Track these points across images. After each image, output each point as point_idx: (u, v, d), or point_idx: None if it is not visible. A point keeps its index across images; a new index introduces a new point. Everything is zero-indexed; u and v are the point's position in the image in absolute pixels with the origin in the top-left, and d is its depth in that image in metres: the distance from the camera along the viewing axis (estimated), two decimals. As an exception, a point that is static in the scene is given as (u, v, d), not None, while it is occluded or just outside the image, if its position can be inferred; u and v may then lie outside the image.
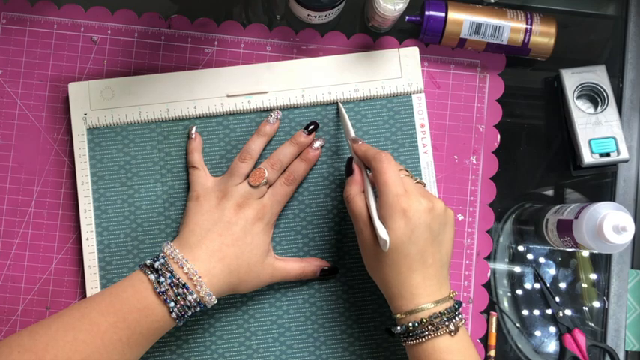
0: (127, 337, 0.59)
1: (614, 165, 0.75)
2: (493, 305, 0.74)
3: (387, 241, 0.58)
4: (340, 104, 0.72)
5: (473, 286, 0.73)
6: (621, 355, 0.74)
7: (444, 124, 0.75)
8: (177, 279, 0.60)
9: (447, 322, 0.58)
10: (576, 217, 0.65)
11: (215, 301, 0.62)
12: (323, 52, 0.75)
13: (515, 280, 0.74)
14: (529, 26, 0.72)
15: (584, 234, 0.64)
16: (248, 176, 0.67)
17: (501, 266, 0.75)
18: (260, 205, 0.66)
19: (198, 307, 0.61)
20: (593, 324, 0.75)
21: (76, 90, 0.72)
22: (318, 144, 0.70)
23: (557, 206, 0.71)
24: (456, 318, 0.59)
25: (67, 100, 0.72)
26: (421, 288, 0.59)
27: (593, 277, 0.75)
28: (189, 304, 0.60)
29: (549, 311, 0.74)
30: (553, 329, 0.74)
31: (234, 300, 0.70)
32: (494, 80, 0.75)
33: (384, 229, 0.59)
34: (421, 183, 0.63)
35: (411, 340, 0.59)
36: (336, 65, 0.73)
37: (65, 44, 0.74)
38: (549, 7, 0.77)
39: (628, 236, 0.62)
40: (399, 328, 0.60)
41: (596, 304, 0.75)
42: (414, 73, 0.73)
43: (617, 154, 0.72)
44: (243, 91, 0.72)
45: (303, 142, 0.70)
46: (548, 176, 0.76)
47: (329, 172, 0.72)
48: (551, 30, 0.72)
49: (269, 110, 0.72)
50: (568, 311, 0.74)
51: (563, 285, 0.75)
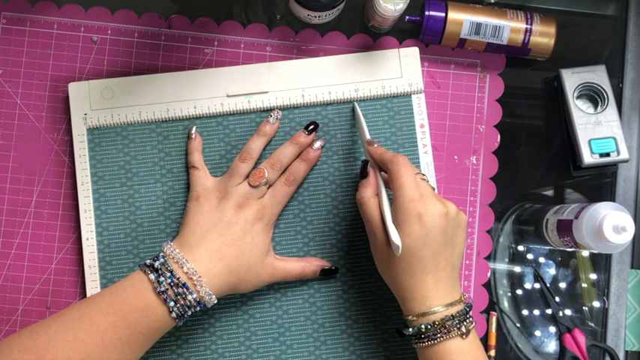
0: (127, 337, 0.59)
1: (614, 165, 0.75)
2: (493, 305, 0.74)
3: (400, 247, 0.58)
4: (357, 105, 0.71)
5: (473, 286, 0.73)
6: (621, 355, 0.74)
7: (444, 124, 0.75)
8: (177, 279, 0.60)
9: (458, 325, 0.58)
10: (576, 217, 0.65)
11: (215, 301, 0.62)
12: (323, 52, 0.75)
13: (515, 280, 0.74)
14: (529, 26, 0.72)
15: (584, 234, 0.64)
16: (248, 176, 0.67)
17: (501, 266, 0.75)
18: (260, 205, 0.66)
19: (198, 307, 0.61)
20: (593, 324, 0.75)
21: (76, 90, 0.72)
22: (318, 144, 0.70)
23: (557, 206, 0.71)
24: (467, 321, 0.59)
25: (67, 100, 0.72)
26: (434, 291, 0.59)
27: (593, 277, 0.75)
28: (189, 303, 0.60)
29: (549, 311, 0.74)
30: (553, 329, 0.74)
31: (234, 300, 0.70)
32: (494, 80, 0.75)
33: (397, 233, 0.59)
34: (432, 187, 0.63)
35: (423, 342, 0.59)
36: (336, 65, 0.73)
37: (65, 44, 0.74)
38: (549, 7, 0.77)
39: (628, 236, 0.62)
40: (410, 330, 0.60)
41: (596, 304, 0.75)
42: (414, 73, 0.73)
43: (617, 154, 0.72)
44: (243, 91, 0.72)
45: (303, 142, 0.70)
46: (548, 176, 0.76)
47: (329, 172, 0.72)
48: (551, 30, 0.72)
49: (269, 110, 0.72)
50: (568, 311, 0.74)
51: (563, 285, 0.75)
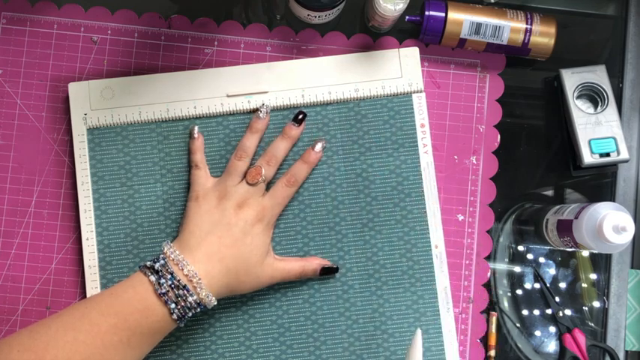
0: (128, 338, 0.58)
1: (614, 165, 0.75)
2: (493, 305, 0.74)
3: None
4: (419, 333, 0.61)
5: (473, 286, 0.73)
6: (621, 355, 0.74)
7: (444, 124, 0.75)
8: (178, 281, 0.60)
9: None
10: (576, 217, 0.65)
11: (215, 303, 0.62)
12: (323, 52, 0.75)
13: (515, 280, 0.74)
14: (529, 26, 0.72)
15: (584, 234, 0.64)
16: (246, 174, 0.67)
17: (501, 266, 0.75)
18: (260, 207, 0.66)
19: (198, 309, 0.61)
20: (593, 324, 0.75)
21: (76, 90, 0.72)
22: (319, 146, 0.70)
23: (557, 206, 0.71)
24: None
25: (67, 100, 0.72)
26: None
27: (593, 277, 0.75)
28: (189, 305, 0.60)
29: (549, 311, 0.74)
30: (553, 329, 0.74)
31: (234, 300, 0.70)
32: (494, 80, 0.75)
33: None
34: None
35: None
36: (336, 65, 0.73)
37: (65, 44, 0.74)
38: (549, 7, 0.77)
39: (628, 236, 0.62)
40: None
41: (596, 304, 0.75)
42: (414, 73, 0.73)
43: (617, 154, 0.72)
44: (243, 91, 0.72)
45: (294, 134, 0.70)
46: (548, 176, 0.76)
47: (329, 171, 0.72)
48: (551, 30, 0.72)
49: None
50: (568, 311, 0.74)
51: (563, 285, 0.75)
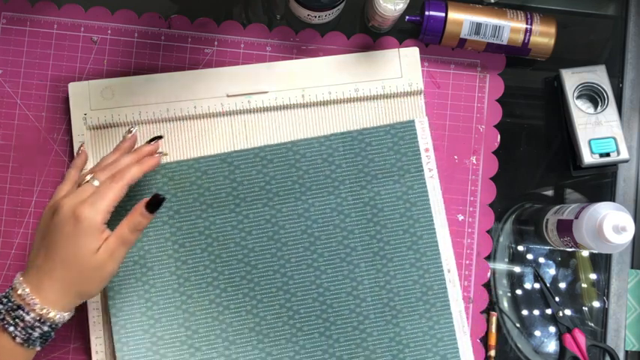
0: None
1: (614, 165, 0.75)
2: (493, 305, 0.74)
3: None
4: None
5: (473, 286, 0.73)
6: (621, 355, 0.74)
7: (444, 124, 0.75)
8: (12, 302, 0.58)
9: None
10: (576, 217, 0.65)
11: (63, 316, 0.60)
12: (323, 52, 0.75)
13: (515, 280, 0.74)
14: (529, 26, 0.72)
15: (584, 234, 0.64)
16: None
17: (501, 266, 0.75)
18: (80, 204, 0.61)
19: (45, 327, 0.59)
20: (593, 324, 0.75)
21: (76, 90, 0.72)
22: (157, 151, 0.67)
23: (557, 206, 0.71)
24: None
25: (67, 100, 0.72)
26: None
27: (593, 277, 0.75)
28: (29, 324, 0.58)
29: (549, 311, 0.74)
30: (553, 329, 0.74)
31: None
32: (494, 80, 0.75)
33: None
34: None
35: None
36: (336, 65, 0.73)
37: (65, 44, 0.74)
38: (549, 7, 0.77)
39: (628, 236, 0.62)
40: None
41: (596, 304, 0.75)
42: (414, 73, 0.73)
43: (617, 154, 0.72)
44: (243, 91, 0.72)
45: (144, 151, 0.66)
46: (548, 176, 0.76)
47: (337, 202, 0.71)
48: (551, 30, 0.72)
49: (269, 110, 0.72)
50: (568, 311, 0.74)
51: (563, 285, 0.75)
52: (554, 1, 0.78)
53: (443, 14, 0.72)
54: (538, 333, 0.74)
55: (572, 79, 0.73)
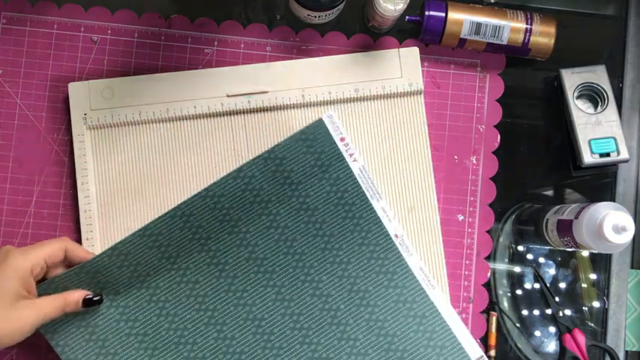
0: None
1: (614, 165, 0.75)
2: (493, 305, 0.74)
3: None
4: None
5: (473, 286, 0.73)
6: (621, 355, 0.74)
7: (444, 124, 0.75)
8: None
9: None
10: (576, 217, 0.65)
11: None
12: (323, 52, 0.75)
13: (515, 280, 0.74)
14: (529, 26, 0.72)
15: (584, 234, 0.64)
16: None
17: (501, 266, 0.75)
18: (14, 248, 0.62)
19: None
20: (593, 324, 0.75)
21: (76, 90, 0.72)
22: None
23: (557, 206, 0.71)
24: None
25: (67, 100, 0.72)
26: None
27: (593, 277, 0.75)
28: None
29: (549, 311, 0.74)
30: (553, 329, 0.74)
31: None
32: (494, 80, 0.75)
33: None
34: None
35: None
36: (336, 65, 0.73)
37: (65, 44, 0.74)
38: (549, 7, 0.77)
39: (628, 236, 0.62)
40: None
41: (596, 304, 0.75)
42: (414, 73, 0.73)
43: (617, 154, 0.72)
44: (243, 91, 0.72)
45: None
46: (548, 176, 0.76)
47: (280, 232, 0.70)
48: (551, 30, 0.72)
49: (269, 110, 0.72)
50: (568, 311, 0.74)
51: (563, 285, 0.75)
52: (554, 1, 0.78)
53: (443, 14, 0.72)
54: (538, 333, 0.74)
55: (572, 79, 0.73)
